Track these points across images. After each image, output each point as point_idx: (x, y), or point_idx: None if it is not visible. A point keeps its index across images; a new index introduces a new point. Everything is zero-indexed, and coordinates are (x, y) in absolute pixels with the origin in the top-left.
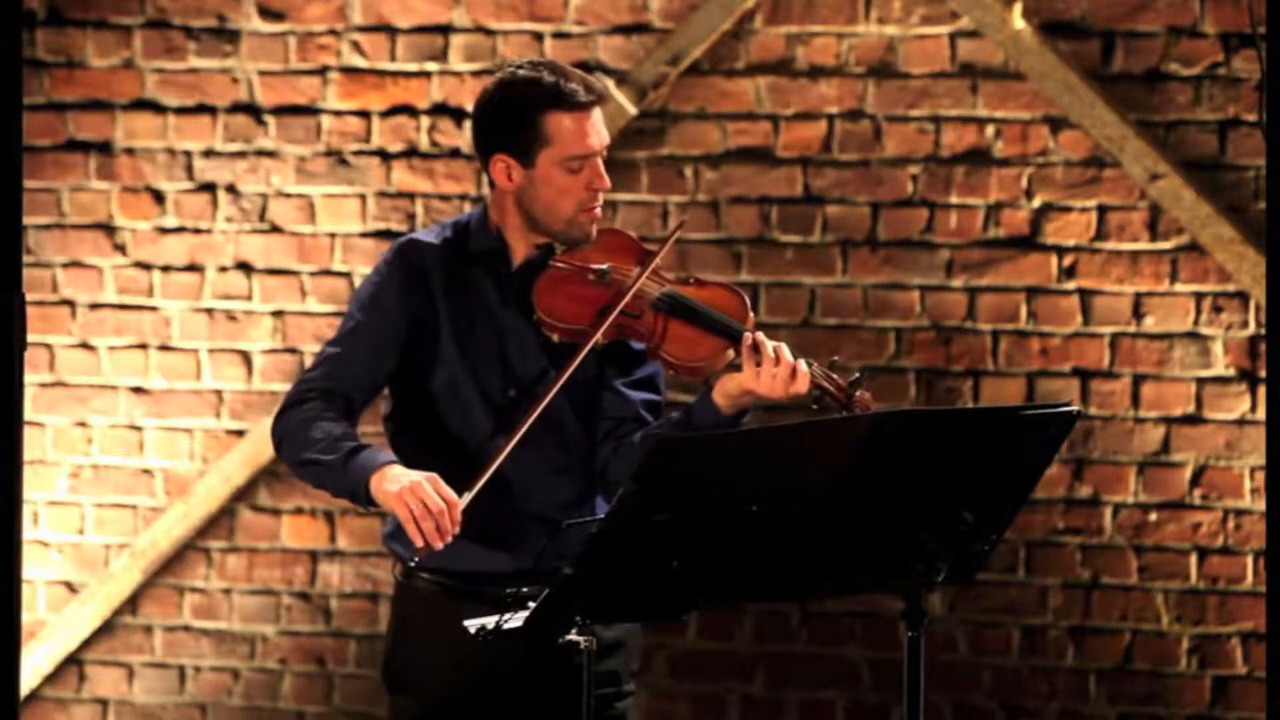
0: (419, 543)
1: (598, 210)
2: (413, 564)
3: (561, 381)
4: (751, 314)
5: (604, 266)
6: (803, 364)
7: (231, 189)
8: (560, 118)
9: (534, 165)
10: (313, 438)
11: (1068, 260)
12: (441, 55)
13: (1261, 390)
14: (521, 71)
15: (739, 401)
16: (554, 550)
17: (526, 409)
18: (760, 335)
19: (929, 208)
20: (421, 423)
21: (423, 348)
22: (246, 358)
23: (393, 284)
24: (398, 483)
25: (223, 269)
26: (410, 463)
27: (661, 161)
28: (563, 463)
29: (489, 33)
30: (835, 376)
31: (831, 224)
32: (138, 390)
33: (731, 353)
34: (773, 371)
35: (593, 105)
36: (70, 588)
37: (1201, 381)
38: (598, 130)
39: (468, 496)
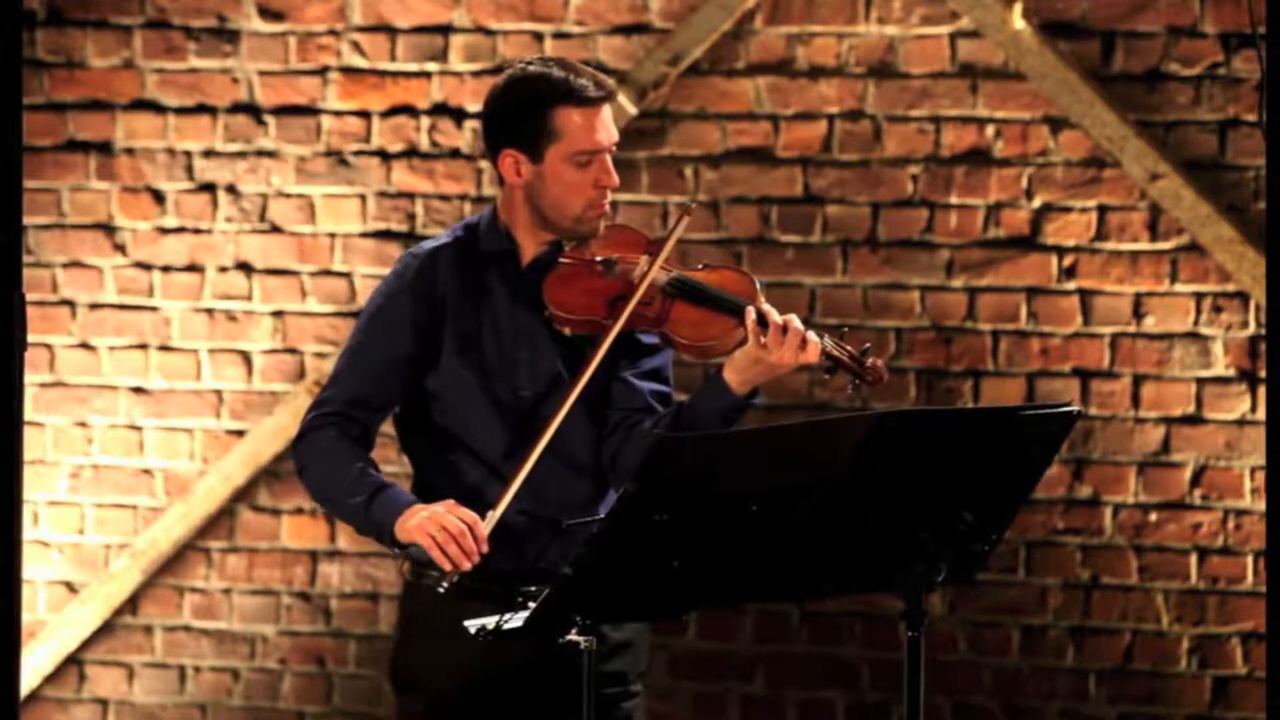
0: (447, 566)
1: (606, 207)
2: (441, 589)
3: (584, 381)
4: (760, 294)
5: (612, 257)
6: (812, 334)
7: (231, 189)
8: (570, 113)
9: (542, 160)
10: (335, 475)
11: (1068, 260)
12: (441, 55)
13: (1261, 390)
14: (531, 67)
15: (750, 375)
16: (559, 549)
17: (540, 409)
18: (767, 306)
19: (929, 208)
20: (433, 424)
21: (434, 354)
22: (246, 358)
23: (402, 298)
24: (417, 517)
25: (223, 269)
26: (422, 463)
27: (661, 161)
28: (580, 461)
29: (489, 33)
30: (847, 346)
31: (831, 224)
32: (138, 390)
33: (742, 332)
34: (781, 340)
35: (602, 101)
36: (70, 588)
37: (1201, 381)
38: (606, 126)
39: (492, 515)
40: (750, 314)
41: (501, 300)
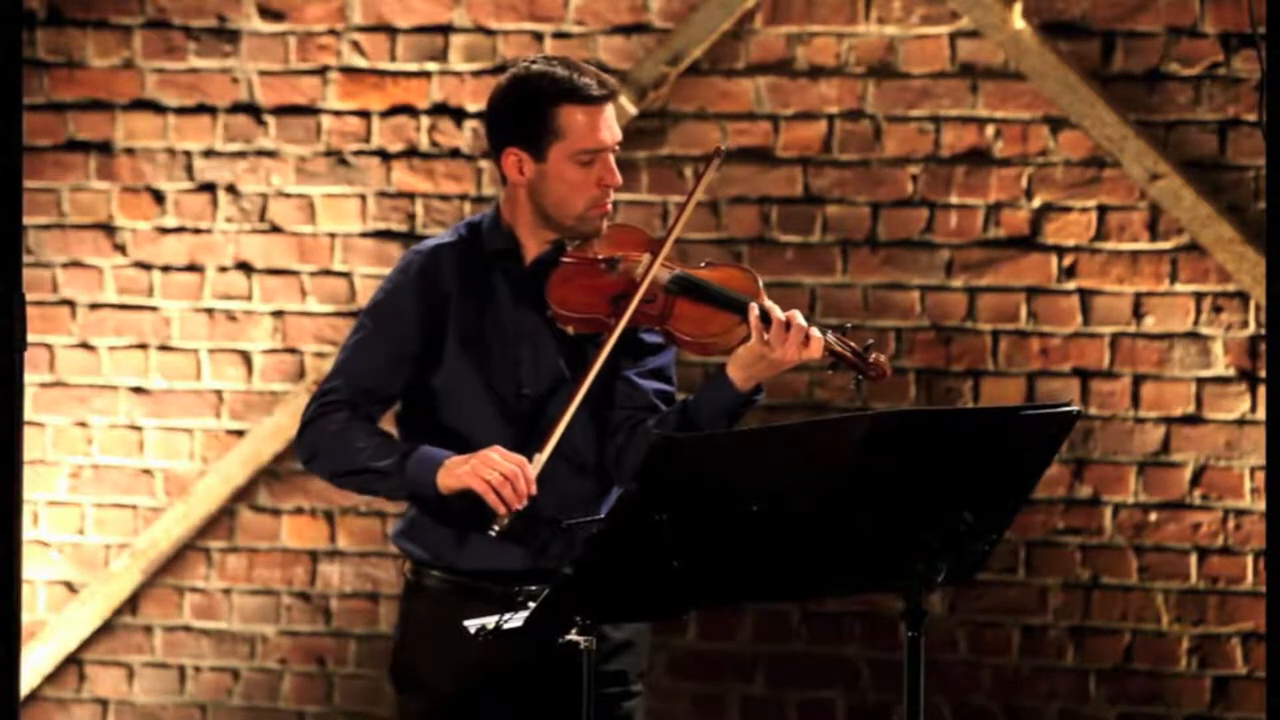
0: (501, 509)
1: (608, 206)
2: (493, 533)
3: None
4: (763, 290)
5: (615, 256)
6: (815, 329)
7: (231, 189)
8: (573, 111)
9: (545, 159)
10: (356, 447)
11: (1068, 260)
12: (441, 55)
13: (1261, 390)
14: (535, 66)
15: (753, 372)
16: (560, 549)
17: (543, 408)
18: (770, 303)
19: (929, 208)
20: (434, 423)
21: (437, 350)
22: (246, 358)
23: (406, 293)
24: (465, 464)
25: (223, 269)
26: None
27: (661, 161)
28: (583, 460)
29: (489, 33)
30: (849, 341)
31: (831, 224)
32: (138, 390)
33: (745, 329)
34: (784, 336)
35: (605, 100)
36: (70, 588)
37: (1201, 381)
38: (609, 125)
39: (539, 458)
40: (753, 310)
41: (504, 299)
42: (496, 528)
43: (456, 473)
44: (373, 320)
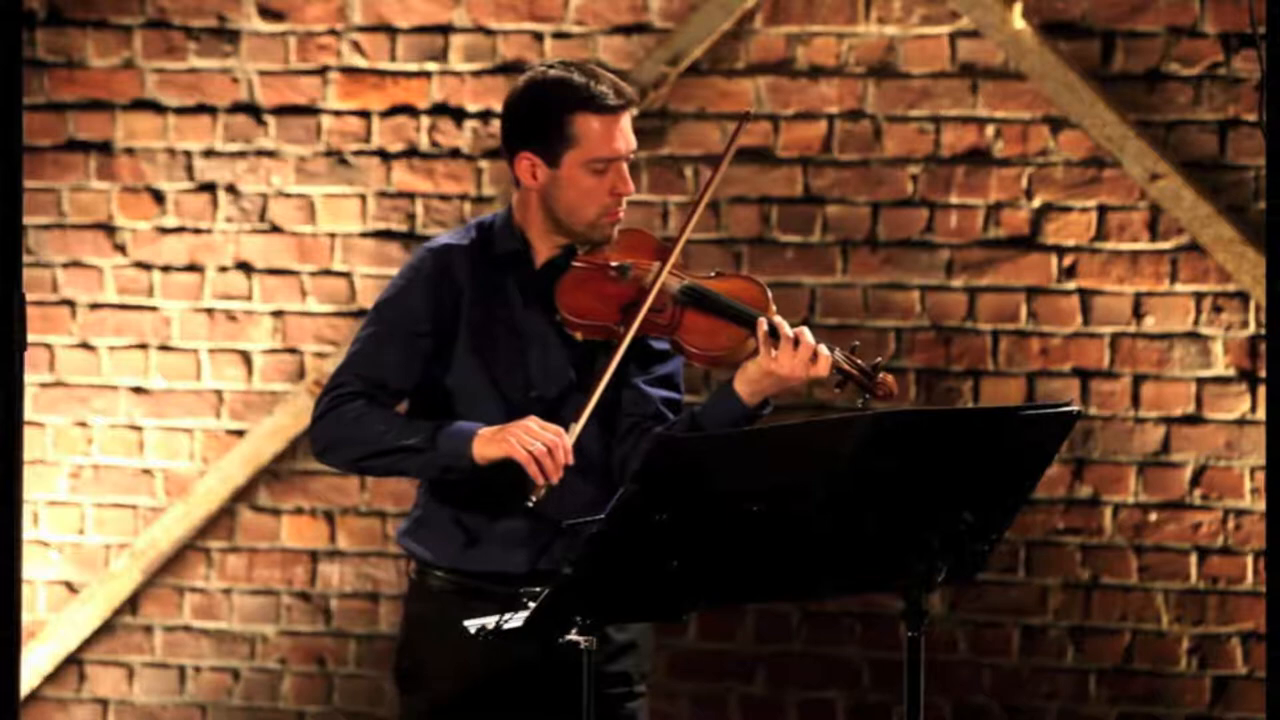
0: (540, 480)
1: (620, 214)
2: (530, 503)
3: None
4: (773, 304)
5: (625, 263)
6: (823, 347)
7: (231, 189)
8: (588, 119)
9: (559, 165)
10: (380, 430)
11: (1068, 260)
12: (441, 55)
13: (1261, 390)
14: (552, 71)
15: (760, 387)
16: (562, 550)
17: (551, 410)
18: (779, 319)
19: (929, 208)
20: None
21: (448, 348)
22: (246, 358)
23: (419, 290)
24: (502, 433)
25: (223, 269)
26: None
27: (661, 161)
28: (589, 465)
29: (489, 33)
30: (857, 359)
31: (831, 224)
32: (138, 390)
33: (753, 343)
34: (792, 353)
35: (622, 109)
36: (70, 588)
37: (1201, 381)
38: (625, 134)
39: (575, 428)
40: (762, 325)
41: (514, 300)
42: (535, 498)
43: (495, 441)
44: (384, 316)
